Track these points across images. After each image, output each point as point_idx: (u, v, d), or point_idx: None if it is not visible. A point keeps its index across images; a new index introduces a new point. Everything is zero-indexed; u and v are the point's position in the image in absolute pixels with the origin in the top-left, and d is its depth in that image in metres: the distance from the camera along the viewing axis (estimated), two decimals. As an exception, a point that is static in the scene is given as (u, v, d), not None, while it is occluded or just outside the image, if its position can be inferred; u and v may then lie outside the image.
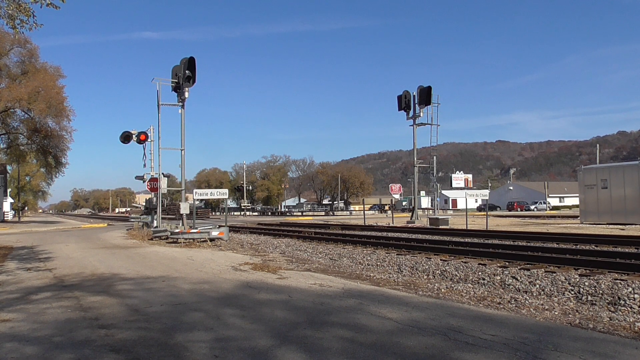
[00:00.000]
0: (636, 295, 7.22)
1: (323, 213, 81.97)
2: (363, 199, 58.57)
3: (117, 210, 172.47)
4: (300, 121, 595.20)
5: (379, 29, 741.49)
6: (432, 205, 37.50)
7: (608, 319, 6.31)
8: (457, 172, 40.44)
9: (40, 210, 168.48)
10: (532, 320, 6.04)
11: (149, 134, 22.85)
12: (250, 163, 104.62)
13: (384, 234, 21.68)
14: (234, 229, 27.04)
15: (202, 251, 15.44)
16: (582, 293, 7.74)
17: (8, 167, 58.57)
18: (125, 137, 22.04)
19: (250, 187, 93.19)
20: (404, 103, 32.13)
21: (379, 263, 12.10)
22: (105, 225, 42.90)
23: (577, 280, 8.37)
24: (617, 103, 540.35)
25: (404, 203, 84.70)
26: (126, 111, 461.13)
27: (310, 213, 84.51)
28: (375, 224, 30.32)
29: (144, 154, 23.69)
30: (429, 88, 30.83)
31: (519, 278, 8.97)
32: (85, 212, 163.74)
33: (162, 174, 22.91)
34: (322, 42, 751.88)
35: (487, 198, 28.67)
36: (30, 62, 40.18)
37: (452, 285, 8.87)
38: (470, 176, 39.32)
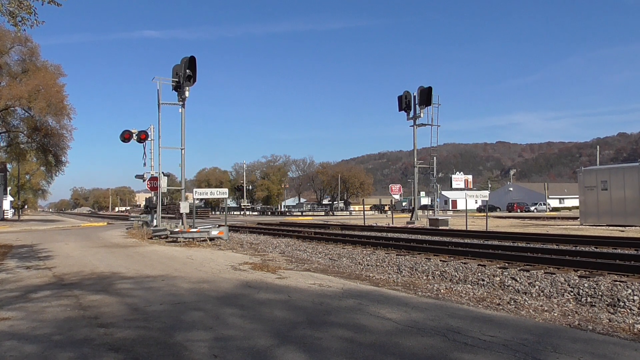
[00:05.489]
0: (636, 297, 7.23)
1: (323, 213, 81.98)
2: (363, 199, 58.59)
3: (117, 209, 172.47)
4: (300, 121, 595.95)
5: (379, 29, 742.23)
6: (432, 206, 37.48)
7: (607, 320, 6.31)
8: (457, 172, 40.39)
9: (40, 209, 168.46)
10: (531, 321, 6.04)
11: (149, 133, 22.84)
12: (250, 163, 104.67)
13: (384, 234, 21.67)
14: (233, 228, 27.04)
15: (202, 250, 15.43)
16: (582, 294, 7.74)
17: (8, 166, 58.62)
18: (125, 136, 22.03)
19: (250, 187, 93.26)
20: (404, 103, 32.14)
21: (378, 263, 12.10)
22: (105, 224, 42.91)
23: (577, 281, 8.37)
24: (617, 104, 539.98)
25: (403, 203, 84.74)
26: (126, 110, 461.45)
27: (310, 213, 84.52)
28: (375, 224, 30.32)
29: (144, 153, 23.71)
30: (430, 89, 30.84)
31: (518, 279, 8.97)
32: (85, 211, 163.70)
33: (162, 173, 22.89)
34: (323, 42, 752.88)
35: (487, 199, 28.69)
36: (31, 60, 40.18)
37: (452, 286, 8.87)
38: (470, 177, 39.28)
